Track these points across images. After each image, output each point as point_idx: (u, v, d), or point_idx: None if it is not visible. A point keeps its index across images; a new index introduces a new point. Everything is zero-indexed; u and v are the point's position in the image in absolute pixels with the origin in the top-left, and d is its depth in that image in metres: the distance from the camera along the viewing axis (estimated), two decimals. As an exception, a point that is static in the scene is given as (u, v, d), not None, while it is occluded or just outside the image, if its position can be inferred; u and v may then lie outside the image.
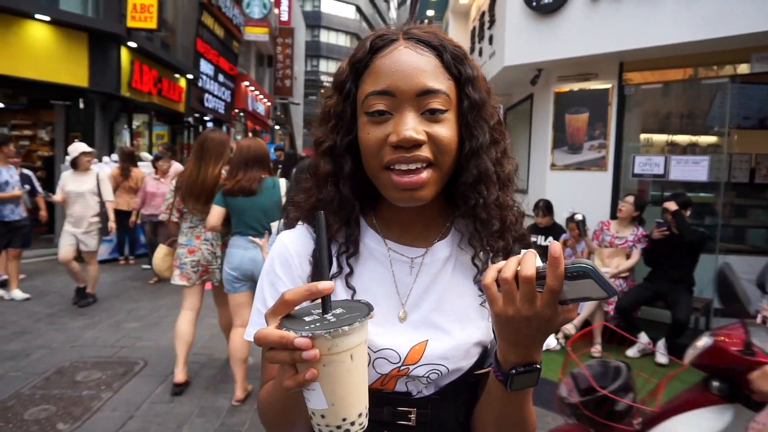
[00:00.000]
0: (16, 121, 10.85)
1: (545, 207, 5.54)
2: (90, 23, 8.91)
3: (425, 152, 0.72)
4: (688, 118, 6.13)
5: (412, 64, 0.73)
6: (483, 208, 0.79)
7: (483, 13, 7.49)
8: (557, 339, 4.71)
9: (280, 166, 8.89)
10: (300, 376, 0.57)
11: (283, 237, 0.87)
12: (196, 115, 14.60)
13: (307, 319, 0.59)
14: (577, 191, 5.70)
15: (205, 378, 3.85)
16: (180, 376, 3.58)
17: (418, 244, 0.83)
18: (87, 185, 5.49)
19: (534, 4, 5.61)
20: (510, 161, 0.84)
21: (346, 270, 0.82)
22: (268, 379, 0.82)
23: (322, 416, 0.59)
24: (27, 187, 6.18)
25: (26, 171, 6.55)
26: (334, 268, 0.83)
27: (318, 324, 0.57)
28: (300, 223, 0.88)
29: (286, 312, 0.60)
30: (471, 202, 0.79)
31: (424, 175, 0.73)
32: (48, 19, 8.22)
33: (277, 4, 21.95)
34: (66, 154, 5.91)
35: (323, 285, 0.58)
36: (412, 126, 0.71)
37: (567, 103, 5.91)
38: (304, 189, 0.87)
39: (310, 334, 0.55)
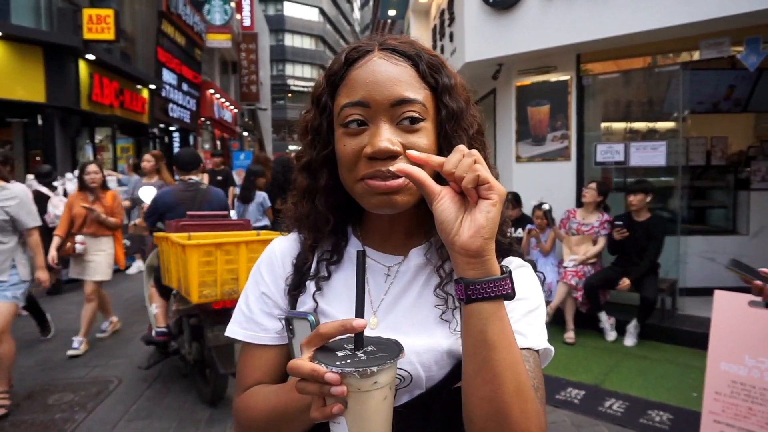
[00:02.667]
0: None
1: (513, 199, 5.63)
2: (44, 37, 8.69)
3: (401, 164, 0.70)
4: (646, 105, 6.31)
5: (387, 74, 0.73)
6: None
7: (443, 11, 7.56)
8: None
9: (219, 177, 8.06)
10: (327, 410, 0.59)
11: (274, 242, 0.91)
12: (162, 125, 14.36)
13: (339, 353, 0.61)
14: (542, 182, 5.82)
15: (181, 391, 3.81)
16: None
17: (397, 253, 0.84)
18: None
19: (491, 0, 5.70)
20: (491, 170, 0.83)
21: (323, 273, 0.84)
22: (246, 386, 0.83)
23: None
24: None
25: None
26: (312, 271, 0.85)
27: (349, 361, 0.59)
28: (294, 231, 0.91)
29: (320, 344, 0.62)
30: None
31: (401, 180, 0.71)
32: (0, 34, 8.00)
33: (239, 9, 21.73)
34: (27, 172, 5.74)
35: (357, 322, 0.60)
36: (387, 137, 0.71)
37: (528, 96, 6.02)
38: (291, 200, 0.89)
39: (340, 371, 0.57)
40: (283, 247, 0.90)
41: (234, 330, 0.86)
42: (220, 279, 3.09)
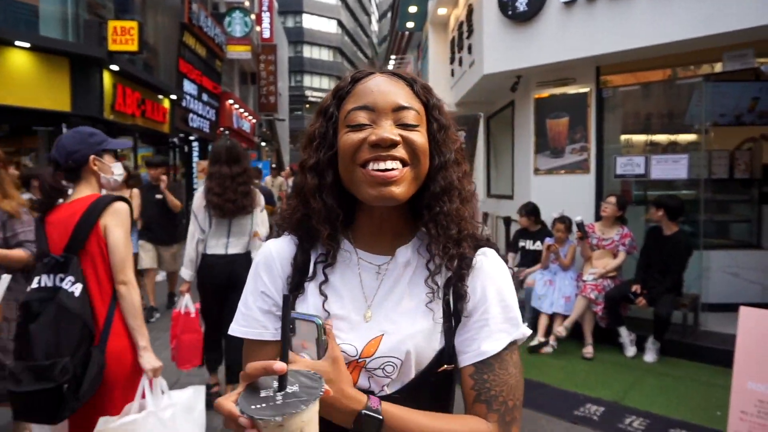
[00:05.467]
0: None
1: (531, 211, 5.60)
2: (71, 48, 8.89)
3: (400, 152, 0.83)
4: (667, 117, 6.25)
5: (388, 87, 0.87)
6: (445, 216, 0.88)
7: (461, 23, 7.59)
8: (550, 343, 4.75)
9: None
10: None
11: (269, 243, 0.98)
12: (181, 135, 14.57)
13: (262, 393, 0.64)
14: (561, 195, 5.77)
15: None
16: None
17: (385, 253, 0.92)
18: None
19: (510, 12, 5.71)
20: (470, 183, 0.95)
21: (321, 278, 0.91)
22: None
23: None
24: None
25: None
26: (310, 274, 0.92)
27: (263, 405, 0.61)
28: (286, 233, 0.98)
29: (248, 381, 0.66)
30: (435, 210, 0.88)
31: (401, 172, 0.83)
32: (28, 45, 8.20)
33: (259, 21, 22.05)
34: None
35: (277, 366, 0.63)
36: (389, 129, 0.83)
37: (547, 108, 6.00)
38: (288, 204, 0.97)
39: (250, 416, 0.60)
40: (279, 248, 0.95)
41: (234, 329, 0.93)
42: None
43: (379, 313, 0.88)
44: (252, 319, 0.91)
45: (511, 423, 0.84)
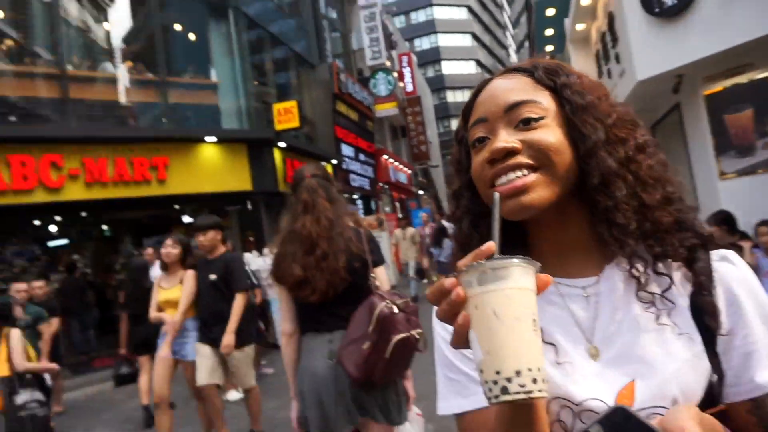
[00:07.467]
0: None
1: (724, 219, 4.84)
2: (247, 134, 10.30)
3: (523, 158, 0.71)
4: None
5: (501, 87, 0.77)
6: (615, 210, 0.71)
7: (603, 34, 7.16)
8: None
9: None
10: (455, 323, 0.57)
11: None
12: (345, 195, 15.71)
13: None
14: (758, 198, 4.93)
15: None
16: None
17: (587, 274, 0.76)
18: None
19: (657, 10, 5.24)
20: (651, 157, 0.75)
21: None
22: None
23: (481, 371, 0.56)
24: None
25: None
26: None
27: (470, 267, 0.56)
28: None
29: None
30: (601, 205, 0.72)
31: (527, 179, 0.70)
32: (215, 139, 9.69)
33: (401, 77, 23.28)
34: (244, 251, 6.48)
35: (485, 246, 0.57)
36: (502, 138, 0.72)
37: (722, 103, 5.29)
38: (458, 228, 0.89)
39: (456, 275, 0.56)
40: None
41: (451, 405, 0.77)
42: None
43: (610, 350, 0.71)
44: (470, 382, 0.76)
45: None
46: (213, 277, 3.80)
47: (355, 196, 16.78)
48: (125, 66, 9.64)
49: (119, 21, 10.21)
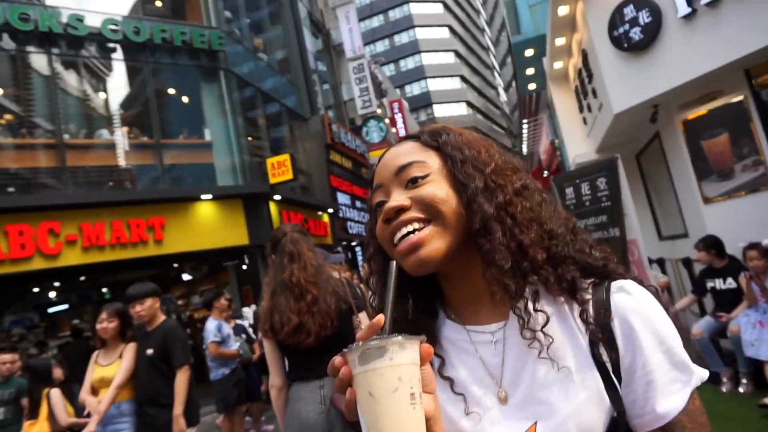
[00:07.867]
0: (203, 287, 12.70)
1: (711, 244, 4.88)
2: (242, 190, 10.44)
3: (413, 213, 0.76)
4: None
5: (392, 154, 0.84)
6: (494, 252, 0.74)
7: (580, 71, 7.40)
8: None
9: None
10: (346, 398, 0.60)
11: None
12: (344, 243, 15.77)
13: None
14: (742, 221, 4.99)
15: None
16: None
17: (495, 319, 0.79)
18: None
19: (625, 45, 5.45)
20: (528, 199, 0.79)
21: (437, 361, 0.80)
22: None
23: None
24: (243, 336, 6.15)
25: (239, 322, 6.53)
26: None
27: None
28: None
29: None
30: (483, 249, 0.75)
31: (421, 234, 0.75)
32: (210, 196, 9.83)
33: (393, 123, 23.73)
34: (243, 305, 6.51)
35: (375, 319, 0.62)
36: (393, 198, 0.79)
37: (699, 129, 5.42)
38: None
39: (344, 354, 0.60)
40: None
41: None
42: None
43: (517, 393, 0.74)
44: None
45: None
46: (150, 351, 3.38)
47: (353, 243, 16.83)
48: (122, 131, 9.90)
49: (116, 89, 10.54)
